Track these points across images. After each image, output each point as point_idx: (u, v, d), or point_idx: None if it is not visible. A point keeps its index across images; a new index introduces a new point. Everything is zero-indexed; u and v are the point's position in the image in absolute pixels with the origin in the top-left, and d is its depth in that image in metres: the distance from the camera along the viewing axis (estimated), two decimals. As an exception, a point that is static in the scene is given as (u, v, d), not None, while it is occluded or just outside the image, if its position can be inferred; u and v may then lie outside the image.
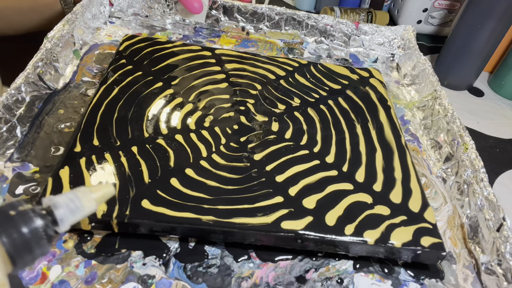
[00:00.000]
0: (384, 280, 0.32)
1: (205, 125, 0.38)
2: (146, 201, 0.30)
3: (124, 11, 0.57)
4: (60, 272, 0.29)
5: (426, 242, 0.31)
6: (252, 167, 0.35)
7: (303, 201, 0.32)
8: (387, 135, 0.40)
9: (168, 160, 0.34)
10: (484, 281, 0.33)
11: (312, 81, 0.47)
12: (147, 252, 0.31)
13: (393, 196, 0.34)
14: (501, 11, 0.49)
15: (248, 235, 0.30)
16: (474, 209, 0.36)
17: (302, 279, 0.31)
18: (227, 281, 0.30)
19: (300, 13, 0.58)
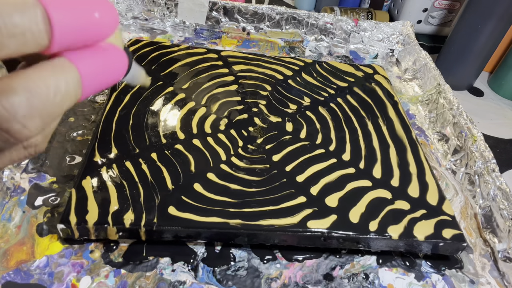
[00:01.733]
0: (407, 273, 0.33)
1: (221, 128, 0.38)
2: (172, 208, 0.30)
3: (123, 15, 0.57)
4: (91, 283, 0.29)
5: (448, 234, 0.32)
6: (272, 168, 0.35)
7: (325, 200, 0.33)
8: (397, 131, 0.41)
9: (188, 165, 0.34)
10: (502, 268, 0.34)
11: (319, 79, 0.47)
12: (174, 258, 0.31)
13: (411, 191, 0.35)
14: (501, 11, 0.50)
15: (274, 236, 0.31)
16: (487, 199, 0.37)
17: (330, 277, 0.31)
18: (257, 282, 0.30)
19: (300, 12, 0.59)
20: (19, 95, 0.13)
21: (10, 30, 0.12)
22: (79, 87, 0.15)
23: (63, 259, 0.29)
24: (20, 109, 0.13)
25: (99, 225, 0.29)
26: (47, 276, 0.28)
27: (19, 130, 0.13)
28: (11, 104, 0.12)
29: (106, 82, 0.16)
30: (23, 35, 0.13)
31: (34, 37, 0.13)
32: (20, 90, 0.13)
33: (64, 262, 0.29)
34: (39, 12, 0.13)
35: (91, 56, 0.15)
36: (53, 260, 0.29)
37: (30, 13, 0.13)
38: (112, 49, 0.16)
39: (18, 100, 0.13)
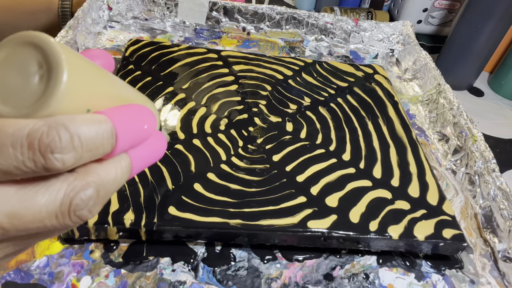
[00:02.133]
0: (407, 273, 0.33)
1: (221, 128, 0.38)
2: (173, 208, 0.30)
3: (123, 15, 0.57)
4: (91, 283, 0.28)
5: (448, 234, 0.32)
6: (272, 168, 0.35)
7: (325, 200, 0.33)
8: (398, 131, 0.41)
9: (189, 165, 0.34)
10: (502, 268, 0.34)
11: (319, 79, 0.47)
12: (175, 258, 0.31)
13: (411, 191, 0.35)
14: (501, 11, 0.50)
15: (274, 236, 0.31)
16: (487, 199, 0.37)
17: (330, 277, 0.31)
18: (257, 282, 0.30)
19: (300, 12, 0.59)
20: (93, 189, 0.16)
21: (89, 146, 0.15)
22: (128, 172, 0.18)
23: (63, 259, 0.29)
24: (91, 200, 0.16)
25: (99, 225, 0.29)
26: (47, 276, 0.28)
27: (86, 215, 0.16)
28: (87, 196, 0.16)
29: (149, 163, 0.20)
30: (97, 149, 0.16)
31: (103, 150, 0.16)
32: (93, 185, 0.16)
33: (64, 262, 0.29)
34: (110, 129, 0.16)
35: (141, 146, 0.19)
36: (53, 260, 0.29)
37: (104, 130, 0.16)
38: (156, 136, 0.20)
39: (91, 193, 0.16)
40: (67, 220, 0.16)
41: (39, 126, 0.14)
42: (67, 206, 0.16)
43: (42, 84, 0.15)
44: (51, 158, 0.14)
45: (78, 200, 0.16)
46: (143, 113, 0.18)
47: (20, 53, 0.15)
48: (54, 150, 0.14)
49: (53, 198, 0.15)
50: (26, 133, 0.14)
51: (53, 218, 0.16)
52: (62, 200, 0.15)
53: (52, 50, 0.15)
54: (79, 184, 0.16)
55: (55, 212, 0.15)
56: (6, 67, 0.15)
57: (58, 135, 0.14)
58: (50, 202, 0.15)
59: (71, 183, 0.16)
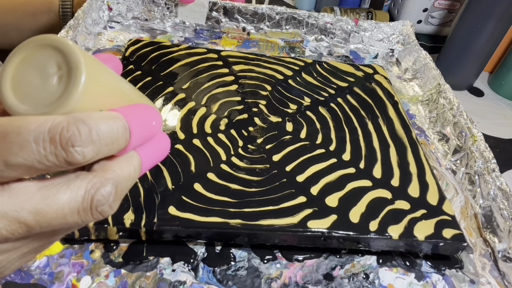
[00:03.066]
0: (407, 273, 0.33)
1: (221, 128, 0.38)
2: (173, 208, 0.30)
3: (123, 15, 0.57)
4: (91, 283, 0.28)
5: (448, 234, 0.32)
6: (272, 168, 0.35)
7: (325, 200, 0.33)
8: (398, 130, 0.41)
9: (189, 165, 0.34)
10: (502, 268, 0.34)
11: (319, 79, 0.47)
12: (175, 258, 0.31)
13: (411, 191, 0.35)
14: (501, 11, 0.50)
15: (274, 236, 0.31)
16: (487, 199, 0.37)
17: (330, 277, 0.31)
18: (257, 282, 0.30)
19: (300, 12, 0.59)
20: (112, 185, 0.17)
21: (106, 141, 0.16)
22: (140, 169, 0.19)
23: (63, 259, 0.29)
24: (111, 196, 0.17)
25: (99, 225, 0.29)
26: (47, 276, 0.28)
27: (107, 211, 0.17)
28: (107, 192, 0.17)
29: (156, 161, 0.21)
30: (113, 143, 0.16)
31: (119, 145, 0.17)
32: (112, 181, 0.17)
33: (64, 262, 0.29)
34: (124, 125, 0.17)
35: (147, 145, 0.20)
36: (53, 260, 0.29)
37: (119, 126, 0.17)
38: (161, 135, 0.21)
39: (110, 189, 0.17)
40: (89, 216, 0.16)
41: (59, 121, 0.15)
42: (89, 202, 0.16)
43: (61, 84, 0.16)
44: (72, 152, 0.15)
45: (100, 196, 0.16)
46: (151, 111, 0.19)
47: (40, 55, 0.16)
48: (75, 143, 0.15)
49: (75, 195, 0.16)
50: (47, 128, 0.15)
51: (75, 214, 0.16)
52: (84, 196, 0.16)
53: (71, 53, 0.16)
54: (98, 181, 0.16)
55: (77, 209, 0.16)
56: (26, 67, 0.16)
57: (77, 129, 0.15)
58: (72, 199, 0.16)
59: (91, 180, 0.16)
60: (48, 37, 0.16)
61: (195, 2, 0.56)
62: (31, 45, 0.16)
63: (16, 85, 0.16)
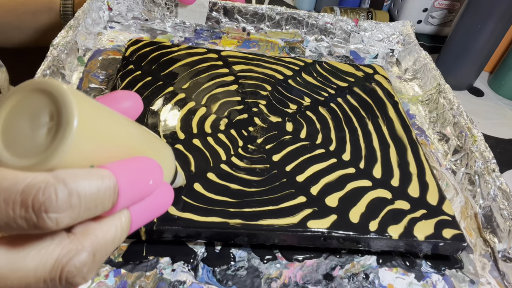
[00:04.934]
0: (407, 273, 0.33)
1: (221, 128, 0.38)
2: (173, 208, 0.30)
3: (124, 16, 0.57)
4: (90, 283, 0.28)
5: (448, 234, 0.32)
6: (272, 168, 0.35)
7: (325, 200, 0.33)
8: (398, 131, 0.41)
9: (189, 165, 0.34)
10: (502, 268, 0.34)
11: (319, 79, 0.47)
12: (175, 258, 0.31)
13: (411, 191, 0.35)
14: (501, 11, 0.50)
15: (274, 236, 0.31)
16: (487, 199, 0.37)
17: (330, 277, 0.31)
18: (257, 282, 0.30)
19: (300, 12, 0.59)
20: (88, 254, 0.15)
21: (88, 205, 0.14)
22: (127, 230, 0.17)
23: (63, 259, 0.29)
24: (85, 267, 0.15)
25: (99, 225, 0.29)
26: (47, 276, 0.28)
27: (79, 282, 0.15)
28: (81, 263, 0.15)
29: (151, 218, 0.19)
30: (96, 207, 0.15)
31: (103, 207, 0.15)
32: (89, 249, 0.15)
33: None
34: (113, 186, 0.15)
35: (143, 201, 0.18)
36: (53, 260, 0.29)
37: (106, 187, 0.15)
38: (162, 190, 0.18)
39: (86, 259, 0.15)
40: (56, 286, 0.15)
41: (37, 181, 0.13)
42: (58, 273, 0.14)
43: (49, 137, 0.14)
44: (44, 218, 0.13)
45: (71, 267, 0.15)
46: (150, 168, 0.17)
47: (35, 101, 0.15)
48: (49, 209, 0.13)
49: (43, 263, 0.14)
50: (21, 189, 0.13)
51: (40, 283, 0.15)
52: (53, 265, 0.14)
53: (65, 104, 0.14)
54: (74, 248, 0.15)
55: (43, 277, 0.14)
56: (18, 113, 0.15)
57: (55, 192, 0.13)
58: (40, 266, 0.14)
59: (66, 246, 0.15)
60: (45, 82, 0.15)
61: (195, 3, 0.56)
62: (27, 88, 0.15)
63: (6, 130, 0.15)
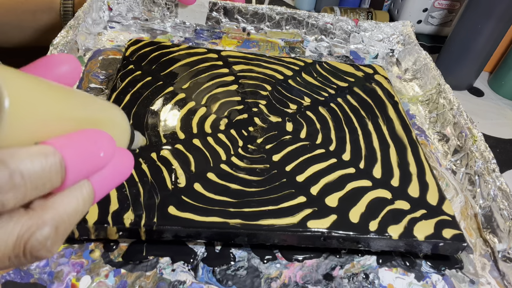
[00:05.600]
0: (407, 273, 0.33)
1: (221, 128, 0.38)
2: (172, 208, 0.30)
3: (124, 16, 0.57)
4: (90, 283, 0.28)
5: (448, 234, 0.32)
6: (272, 168, 0.35)
7: (325, 200, 0.33)
8: (398, 131, 0.41)
9: (189, 165, 0.34)
10: (502, 268, 0.34)
11: (319, 79, 0.47)
12: (174, 258, 0.31)
13: (411, 191, 0.35)
14: (501, 11, 0.50)
15: (274, 236, 0.31)
16: (487, 199, 0.37)
17: (329, 277, 0.31)
18: (257, 282, 0.30)
19: (300, 12, 0.59)
20: (50, 227, 0.15)
21: (34, 183, 0.14)
22: (91, 199, 0.17)
23: (63, 258, 0.29)
24: (48, 240, 0.15)
25: (99, 225, 0.29)
26: (47, 275, 0.28)
27: (45, 255, 0.15)
28: (43, 237, 0.15)
29: (115, 185, 0.18)
30: (43, 185, 0.14)
31: (51, 184, 0.15)
32: (51, 222, 0.15)
33: (64, 261, 0.29)
34: (58, 161, 0.15)
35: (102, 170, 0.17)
36: (53, 259, 0.29)
37: (51, 163, 0.14)
38: (120, 156, 0.18)
39: (48, 232, 0.15)
40: (22, 261, 0.15)
41: None
42: (21, 249, 0.14)
43: None
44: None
45: (34, 242, 0.15)
46: (98, 140, 0.17)
47: None
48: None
49: (5, 241, 0.14)
50: None
51: (5, 261, 0.15)
52: (15, 242, 0.14)
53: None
54: (34, 224, 0.15)
55: (8, 255, 0.14)
56: None
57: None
58: (1, 245, 0.14)
59: (25, 223, 0.15)
60: None
61: (195, 3, 0.56)
62: None
63: None
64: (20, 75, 0.15)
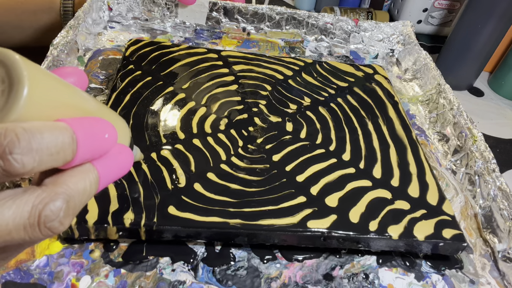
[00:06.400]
0: (407, 273, 0.33)
1: (221, 128, 0.38)
2: (172, 208, 0.30)
3: (124, 16, 0.57)
4: (90, 283, 0.28)
5: (448, 234, 0.32)
6: (272, 168, 0.35)
7: (325, 200, 0.33)
8: (398, 131, 0.41)
9: (189, 165, 0.34)
10: (502, 268, 0.34)
11: (319, 79, 0.47)
12: (174, 258, 0.31)
13: (411, 191, 0.35)
14: (501, 11, 0.50)
15: (274, 236, 0.31)
16: (487, 199, 0.37)
17: (329, 277, 0.31)
18: (257, 282, 0.30)
19: (300, 12, 0.59)
20: (62, 200, 0.16)
21: (49, 150, 0.15)
22: (97, 184, 0.19)
23: (63, 258, 0.29)
24: (61, 212, 0.16)
25: (99, 225, 0.29)
26: (47, 275, 0.28)
27: (58, 227, 0.16)
28: (56, 208, 0.16)
29: (117, 176, 0.20)
30: (58, 153, 0.16)
31: (64, 155, 0.16)
32: (63, 196, 0.16)
33: (64, 261, 0.29)
34: (70, 135, 0.16)
35: (106, 158, 0.19)
36: (53, 259, 0.29)
37: (64, 136, 0.16)
38: (121, 150, 0.20)
39: (61, 204, 0.16)
40: (36, 232, 0.16)
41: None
42: (36, 218, 0.15)
43: (3, 98, 0.15)
44: (10, 159, 0.14)
45: (48, 211, 0.16)
46: (103, 124, 0.19)
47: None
48: (13, 150, 0.14)
49: (21, 210, 0.15)
50: None
51: (21, 230, 0.15)
52: (30, 212, 0.15)
53: (14, 66, 0.15)
54: (47, 196, 0.16)
55: (23, 225, 0.15)
56: None
57: (16, 135, 0.14)
58: (17, 214, 0.15)
59: (40, 195, 0.16)
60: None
61: (195, 3, 0.56)
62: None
63: None
64: (38, 67, 0.16)
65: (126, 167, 0.21)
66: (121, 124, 0.23)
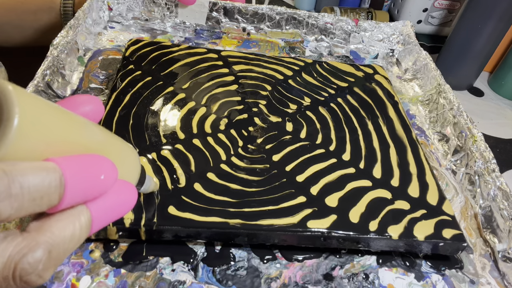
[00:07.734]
0: (407, 273, 0.33)
1: (221, 128, 0.38)
2: (172, 208, 0.30)
3: (124, 16, 0.57)
4: (90, 283, 0.28)
5: (448, 234, 0.32)
6: (272, 168, 0.35)
7: (325, 200, 0.33)
8: (398, 131, 0.41)
9: (189, 165, 0.34)
10: (502, 268, 0.34)
11: (319, 79, 0.47)
12: (174, 258, 0.31)
13: (411, 191, 0.35)
14: (501, 11, 0.50)
15: (274, 236, 0.31)
16: (487, 199, 0.37)
17: (329, 277, 0.31)
18: (257, 282, 0.30)
19: (300, 12, 0.59)
20: (43, 250, 0.15)
21: (32, 195, 0.14)
22: (89, 228, 0.17)
23: (63, 258, 0.29)
24: (40, 264, 0.14)
25: (99, 225, 0.29)
26: (47, 275, 0.28)
27: (35, 281, 0.15)
28: (35, 260, 0.14)
29: (115, 217, 0.18)
30: (41, 198, 0.14)
31: (49, 200, 0.15)
32: (44, 246, 0.15)
33: (64, 261, 0.29)
34: (58, 177, 0.15)
35: (103, 199, 0.17)
36: (53, 259, 0.29)
37: (51, 178, 0.14)
38: (123, 188, 0.18)
39: (40, 255, 0.14)
40: (11, 285, 0.14)
41: None
42: (11, 271, 0.14)
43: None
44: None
45: (25, 264, 0.14)
46: (100, 163, 0.17)
47: None
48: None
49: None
50: None
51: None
52: (5, 263, 0.14)
53: (5, 100, 0.14)
54: (26, 245, 0.14)
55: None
56: None
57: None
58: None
59: (19, 244, 0.14)
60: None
61: (195, 3, 0.56)
62: None
63: None
64: (33, 98, 0.15)
65: (126, 207, 0.19)
66: (130, 157, 0.21)
